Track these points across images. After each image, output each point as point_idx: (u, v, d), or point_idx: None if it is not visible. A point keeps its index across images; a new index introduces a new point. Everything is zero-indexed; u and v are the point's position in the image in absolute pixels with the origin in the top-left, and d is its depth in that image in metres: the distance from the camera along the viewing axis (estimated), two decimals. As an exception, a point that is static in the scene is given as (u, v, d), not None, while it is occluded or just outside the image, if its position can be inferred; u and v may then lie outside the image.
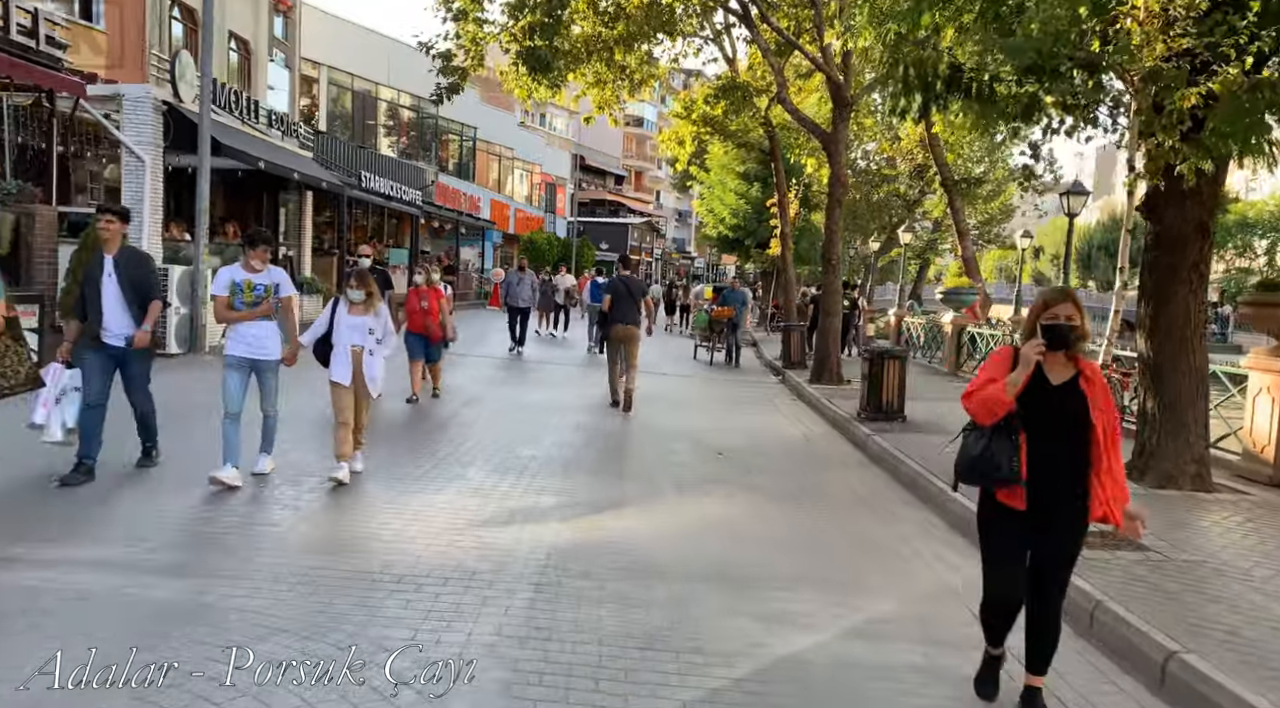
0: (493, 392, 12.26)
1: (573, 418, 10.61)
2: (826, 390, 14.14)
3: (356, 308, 6.79)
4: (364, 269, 7.92)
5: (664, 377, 15.96)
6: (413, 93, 34.87)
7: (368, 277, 6.95)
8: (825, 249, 15.09)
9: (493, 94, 54.62)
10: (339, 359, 6.73)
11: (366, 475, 6.97)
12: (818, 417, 12.42)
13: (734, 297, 19.05)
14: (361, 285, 6.80)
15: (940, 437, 10.20)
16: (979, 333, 16.72)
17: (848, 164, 33.94)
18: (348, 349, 6.72)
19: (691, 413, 11.94)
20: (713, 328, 18.71)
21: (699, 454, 9.00)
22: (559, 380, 13.99)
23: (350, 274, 7.13)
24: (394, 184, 25.85)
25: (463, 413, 10.34)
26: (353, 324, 6.77)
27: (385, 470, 7.25)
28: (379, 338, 6.86)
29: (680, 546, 5.86)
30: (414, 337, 10.79)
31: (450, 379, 12.78)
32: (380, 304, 6.98)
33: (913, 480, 8.14)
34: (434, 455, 7.96)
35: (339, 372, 6.72)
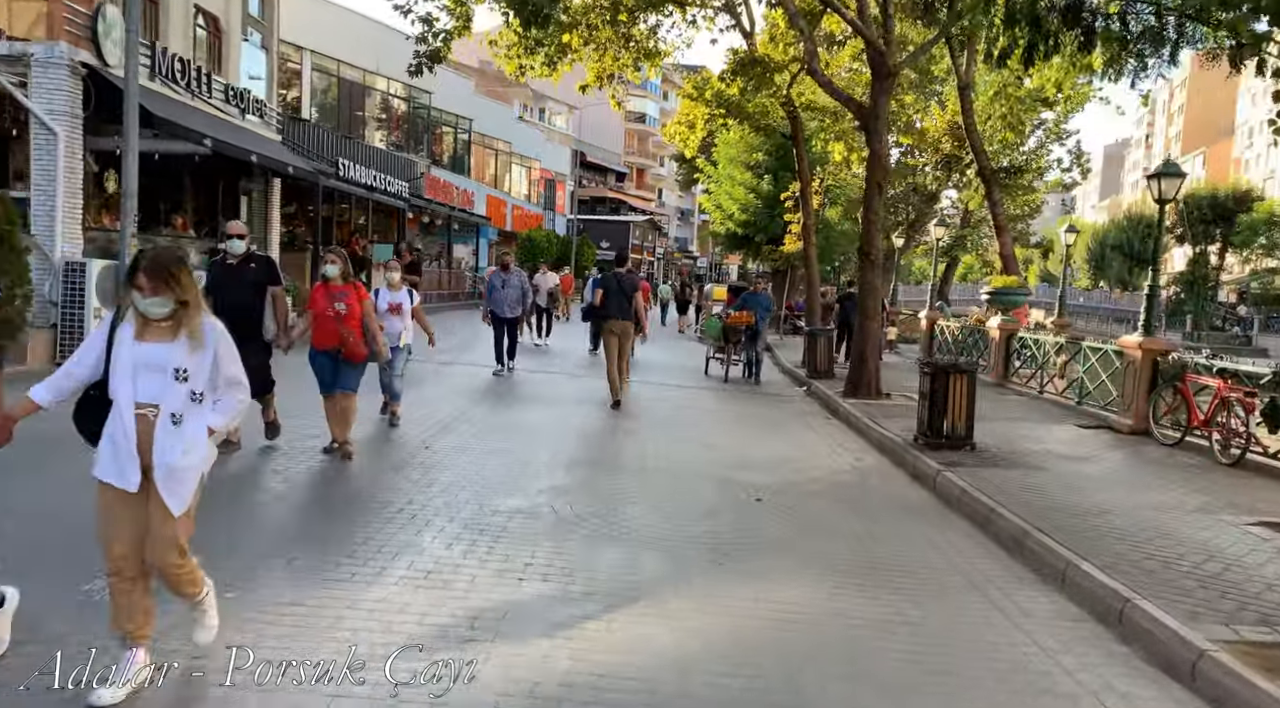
0: (469, 415, 10.19)
1: (567, 449, 8.61)
2: (866, 407, 12.13)
3: (153, 329, 3.39)
4: (161, 254, 3.45)
5: (677, 390, 13.94)
6: (405, 82, 33.01)
7: (169, 267, 3.34)
8: (863, 241, 13.07)
9: (490, 87, 52.79)
10: (114, 436, 3.35)
11: (257, 561, 4.95)
12: (862, 441, 10.42)
13: (755, 301, 15.49)
14: (152, 280, 3.31)
15: (1023, 471, 8.21)
16: (1033, 338, 14.70)
17: (852, 164, 32.09)
18: (129, 413, 3.34)
19: (713, 438, 9.93)
20: (728, 337, 15.39)
21: (731, 499, 7.00)
22: (550, 398, 11.94)
23: (137, 261, 3.42)
24: (378, 175, 23.84)
25: (426, 450, 8.24)
26: (146, 359, 3.36)
27: (298, 544, 5.25)
28: (199, 390, 3.43)
29: (731, 680, 3.86)
30: (321, 356, 7.39)
31: (419, 396, 10.77)
32: (203, 328, 3.43)
33: (1018, 542, 6.14)
34: (378, 514, 5.93)
35: (109, 466, 3.36)
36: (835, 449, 9.77)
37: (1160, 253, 6.86)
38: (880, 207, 12.83)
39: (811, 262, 17.68)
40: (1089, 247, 76.50)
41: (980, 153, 18.85)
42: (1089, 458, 9.28)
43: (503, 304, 13.62)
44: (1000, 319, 15.36)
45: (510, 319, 13.71)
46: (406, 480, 6.82)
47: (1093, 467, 8.84)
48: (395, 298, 8.81)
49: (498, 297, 13.69)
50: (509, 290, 13.73)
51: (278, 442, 7.64)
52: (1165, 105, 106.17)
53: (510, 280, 13.88)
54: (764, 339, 15.92)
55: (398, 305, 8.80)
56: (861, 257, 13.04)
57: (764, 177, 30.91)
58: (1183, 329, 57.43)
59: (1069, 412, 12.52)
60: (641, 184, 78.93)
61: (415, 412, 9.61)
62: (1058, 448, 9.75)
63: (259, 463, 7.09)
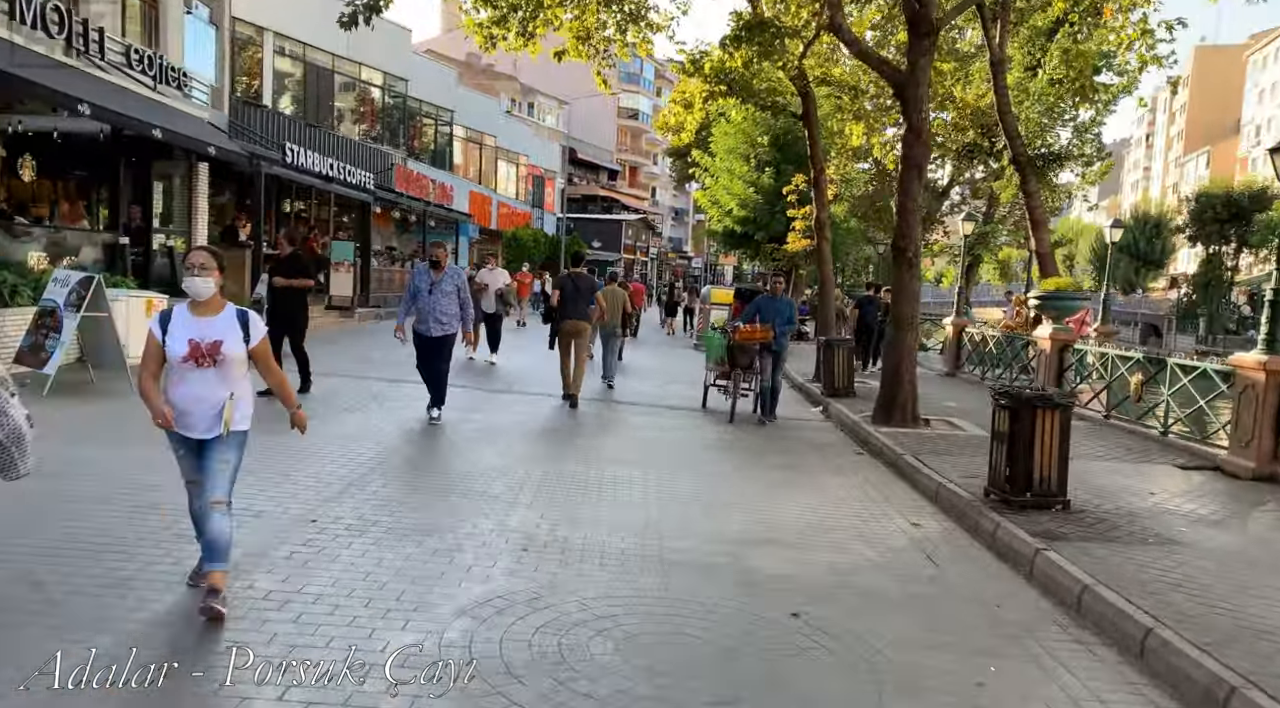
0: (389, 465, 7.83)
1: (518, 520, 6.22)
2: (904, 438, 9.79)
3: None
4: None
5: (669, 418, 11.58)
6: (380, 69, 30.62)
7: None
8: (898, 236, 10.71)
9: (476, 80, 50.37)
10: None
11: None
12: (911, 491, 8.06)
13: (773, 309, 11.25)
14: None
15: (1153, 548, 5.84)
16: (1092, 351, 12.37)
17: (873, 148, 29.63)
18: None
19: (717, 494, 7.56)
20: (735, 359, 11.23)
21: (753, 617, 4.64)
22: (504, 435, 9.59)
23: None
24: (338, 164, 21.43)
25: (312, 524, 5.73)
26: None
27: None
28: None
29: None
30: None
31: (337, 431, 8.44)
32: None
33: (1219, 703, 3.80)
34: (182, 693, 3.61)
35: None
36: (880, 505, 7.42)
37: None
38: (920, 192, 10.48)
39: (825, 259, 15.33)
40: (1093, 247, 74.36)
41: (1015, 137, 16.53)
42: (1224, 522, 6.94)
43: (430, 316, 9.41)
44: (1052, 328, 13.02)
45: (438, 339, 9.48)
46: (249, 603, 4.39)
47: (1239, 536, 6.52)
48: (207, 330, 4.29)
49: (423, 305, 9.45)
50: (438, 299, 9.40)
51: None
52: (1166, 103, 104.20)
53: (441, 284, 9.49)
54: (785, 363, 11.89)
55: (213, 348, 4.25)
56: (896, 254, 10.65)
57: (765, 170, 28.57)
58: (1196, 333, 55.35)
59: (1153, 445, 10.20)
60: (634, 182, 76.73)
61: (319, 462, 7.23)
62: (1172, 504, 7.41)
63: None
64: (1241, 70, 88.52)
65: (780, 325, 11.11)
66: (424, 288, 9.42)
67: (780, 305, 11.36)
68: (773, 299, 11.47)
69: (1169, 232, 65.75)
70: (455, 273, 9.72)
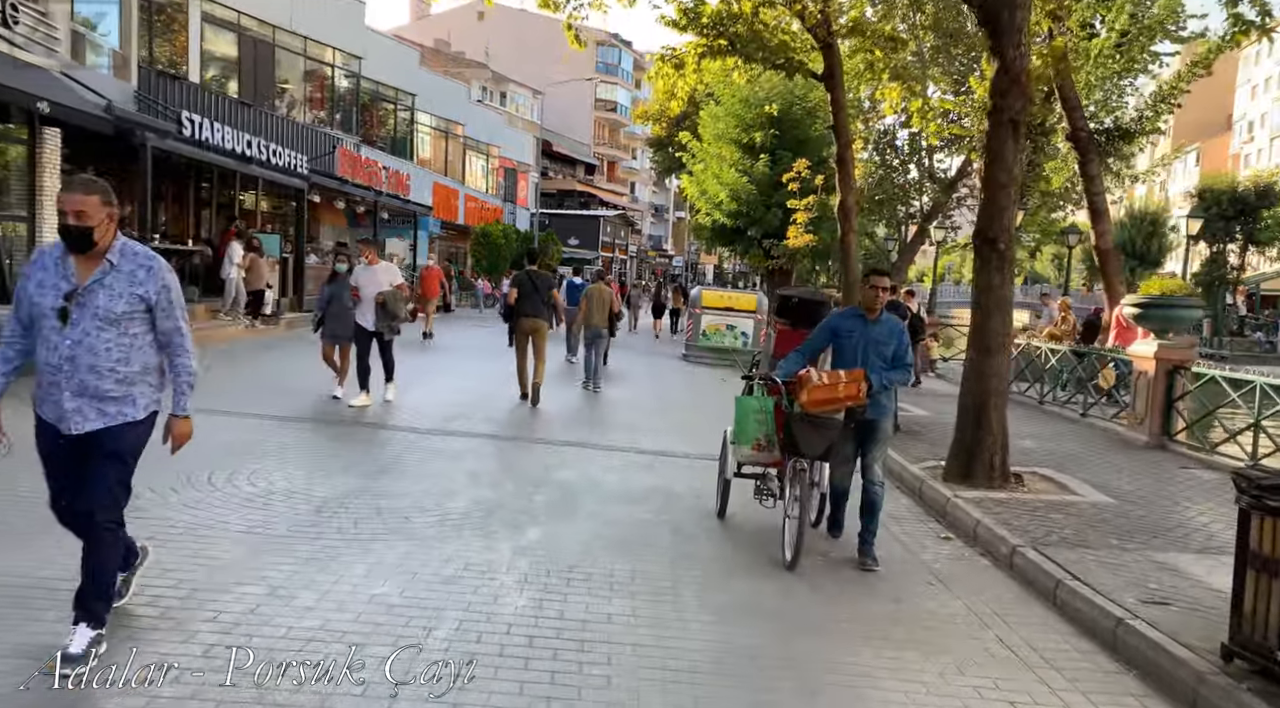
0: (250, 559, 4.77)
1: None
2: (1006, 512, 6.73)
3: None
4: None
5: (662, 510, 8.42)
6: (329, 44, 27.37)
7: None
8: (982, 221, 7.62)
9: (445, 67, 47.04)
10: None
11: None
12: (1064, 622, 4.97)
13: (867, 336, 5.80)
14: None
15: None
16: (1227, 377, 9.34)
17: (870, 138, 26.60)
18: None
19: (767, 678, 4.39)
20: (797, 444, 5.50)
21: None
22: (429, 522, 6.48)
23: None
24: (257, 141, 18.15)
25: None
26: None
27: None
28: None
29: None
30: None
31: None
32: None
33: None
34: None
35: None
36: (1032, 671, 4.34)
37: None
38: (1017, 159, 7.39)
39: (851, 253, 12.26)
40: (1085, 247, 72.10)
41: (1076, 110, 13.58)
42: None
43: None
44: (1157, 344, 10.02)
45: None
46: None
47: None
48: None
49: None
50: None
51: None
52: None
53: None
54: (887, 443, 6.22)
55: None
56: (984, 245, 7.51)
57: (759, 157, 25.56)
58: (1199, 335, 53.05)
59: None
60: (613, 177, 73.63)
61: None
62: None
63: None
64: (1233, 65, 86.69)
65: (881, 371, 5.74)
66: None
67: (876, 331, 5.81)
68: (862, 318, 5.86)
69: (1167, 230, 63.61)
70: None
